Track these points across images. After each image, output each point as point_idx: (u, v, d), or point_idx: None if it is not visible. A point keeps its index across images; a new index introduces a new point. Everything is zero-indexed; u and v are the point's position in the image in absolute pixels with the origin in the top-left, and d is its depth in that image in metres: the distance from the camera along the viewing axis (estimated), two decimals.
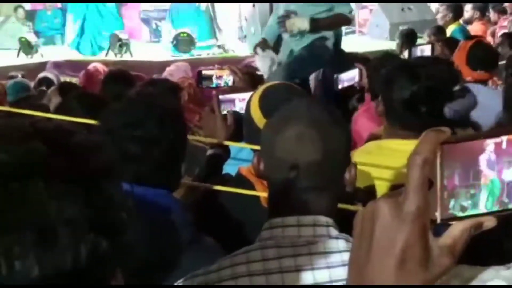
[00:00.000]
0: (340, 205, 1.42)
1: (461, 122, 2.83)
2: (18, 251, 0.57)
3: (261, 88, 2.01)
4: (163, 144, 1.66)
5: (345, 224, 1.30)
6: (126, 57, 9.21)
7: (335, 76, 3.81)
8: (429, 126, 0.67)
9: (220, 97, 2.37)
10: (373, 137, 2.59)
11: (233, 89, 2.75)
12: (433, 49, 4.41)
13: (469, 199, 0.65)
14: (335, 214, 1.34)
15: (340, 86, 3.76)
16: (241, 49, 9.61)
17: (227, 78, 2.92)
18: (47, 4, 13.30)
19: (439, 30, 6.60)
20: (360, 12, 11.85)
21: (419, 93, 2.15)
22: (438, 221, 0.65)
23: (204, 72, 3.04)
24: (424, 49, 4.42)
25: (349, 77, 3.78)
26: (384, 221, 0.65)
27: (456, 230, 0.65)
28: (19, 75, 6.74)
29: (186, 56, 9.06)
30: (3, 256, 0.57)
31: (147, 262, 1.17)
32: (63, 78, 8.08)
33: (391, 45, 7.77)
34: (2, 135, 0.63)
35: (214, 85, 2.97)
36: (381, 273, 0.65)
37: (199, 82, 3.05)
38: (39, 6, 13.91)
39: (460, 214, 0.65)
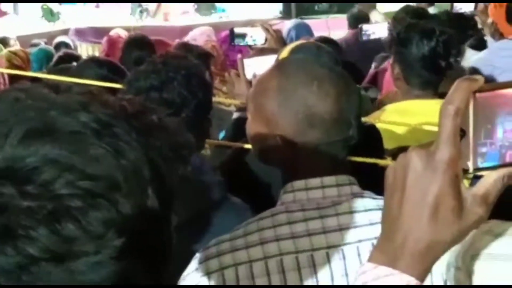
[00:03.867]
0: (370, 160, 1.41)
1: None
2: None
3: (289, 47, 2.00)
4: (190, 105, 1.67)
5: (362, 179, 1.30)
6: (149, 22, 9.19)
7: (359, 26, 3.75)
8: (451, 81, 0.66)
9: (245, 60, 2.36)
10: (381, 103, 2.56)
11: (263, 50, 2.73)
12: (476, 4, 4.28)
13: None
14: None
15: (364, 38, 3.70)
16: (263, 12, 9.52)
17: (258, 35, 2.89)
18: None
19: None
20: None
21: (437, 47, 2.14)
22: (471, 170, 0.65)
23: (236, 30, 3.02)
24: (466, 4, 4.27)
25: (375, 29, 3.71)
26: (416, 171, 0.65)
27: (489, 179, 0.65)
28: (42, 43, 6.77)
29: (209, 19, 9.00)
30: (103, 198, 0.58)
31: (181, 222, 1.20)
32: (85, 45, 8.12)
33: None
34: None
35: (245, 43, 2.95)
36: (414, 224, 0.65)
37: (232, 40, 3.04)
38: None
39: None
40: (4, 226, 0.56)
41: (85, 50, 7.66)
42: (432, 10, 5.69)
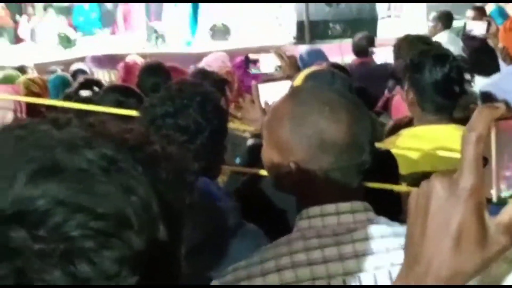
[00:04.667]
0: (385, 186, 1.40)
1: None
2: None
3: (302, 74, 2.01)
4: (205, 132, 1.68)
5: (377, 205, 1.30)
6: (163, 48, 9.27)
7: (369, 50, 3.73)
8: (464, 106, 0.66)
9: (260, 86, 2.37)
10: (397, 126, 2.56)
11: (277, 76, 2.74)
12: (488, 26, 4.29)
13: None
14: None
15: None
16: (277, 37, 9.58)
17: (272, 62, 2.91)
18: None
19: (479, 11, 6.47)
20: None
21: (451, 73, 2.14)
22: (494, 199, 0.64)
23: (251, 56, 3.03)
24: (478, 26, 4.29)
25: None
26: (439, 199, 0.64)
27: None
28: (59, 70, 6.85)
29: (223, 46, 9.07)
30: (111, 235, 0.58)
31: (196, 248, 1.20)
32: (102, 72, 8.20)
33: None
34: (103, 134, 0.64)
35: (259, 71, 2.97)
36: (437, 252, 0.65)
37: (247, 66, 3.05)
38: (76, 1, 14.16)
39: None
40: (17, 271, 0.56)
41: (101, 76, 7.73)
42: (445, 33, 5.71)
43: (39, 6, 13.11)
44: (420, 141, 2.18)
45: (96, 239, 0.57)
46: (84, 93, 3.95)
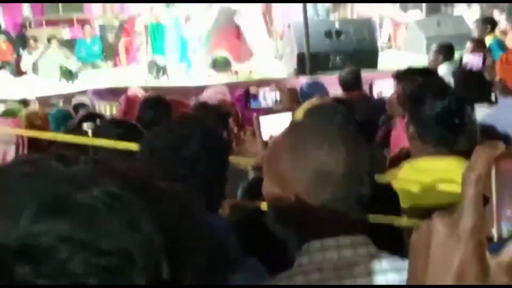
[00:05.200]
0: (386, 219, 1.40)
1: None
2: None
3: (303, 107, 2.02)
4: (206, 165, 1.69)
5: (378, 238, 1.29)
6: (165, 81, 9.32)
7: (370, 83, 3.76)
8: (464, 138, 0.67)
9: (261, 118, 2.38)
10: (395, 158, 2.55)
11: (278, 108, 2.76)
12: (484, 59, 4.33)
13: None
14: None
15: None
16: (278, 70, 9.63)
17: (272, 95, 2.93)
18: (87, 32, 13.67)
19: (479, 43, 6.52)
20: (395, 29, 11.83)
21: (451, 105, 2.15)
22: (495, 238, 0.64)
23: (251, 90, 3.06)
24: (475, 59, 4.33)
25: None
26: (439, 239, 0.65)
27: None
28: (60, 103, 6.89)
29: (224, 79, 9.11)
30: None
31: (197, 279, 1.19)
32: (103, 104, 8.24)
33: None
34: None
35: (260, 104, 2.98)
36: None
37: (247, 100, 3.07)
38: (78, 34, 14.31)
39: None
40: None
41: (103, 109, 7.77)
42: (445, 65, 5.74)
43: (43, 38, 13.23)
44: (422, 173, 2.17)
45: (100, 276, 0.58)
46: (86, 126, 3.96)
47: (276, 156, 1.32)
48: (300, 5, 8.90)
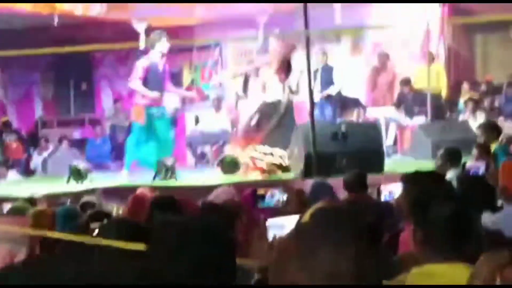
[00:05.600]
0: None
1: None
2: None
3: (309, 211, 2.04)
4: (213, 266, 1.69)
5: None
6: (172, 181, 9.37)
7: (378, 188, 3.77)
8: (473, 243, 0.68)
9: (269, 220, 2.40)
10: (400, 264, 2.53)
11: (285, 210, 2.77)
12: (488, 166, 4.35)
13: None
14: None
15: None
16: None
17: (280, 197, 2.95)
18: (98, 132, 13.94)
19: (483, 149, 6.56)
20: (400, 133, 11.98)
21: (458, 212, 2.16)
22: None
23: (258, 191, 3.08)
24: (478, 166, 4.35)
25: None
26: None
27: None
28: (68, 201, 6.91)
29: (232, 179, 9.16)
30: None
31: None
32: (111, 204, 8.25)
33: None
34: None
35: (267, 205, 2.99)
36: None
37: (255, 201, 3.08)
38: (89, 134, 14.57)
39: None
40: None
41: (110, 209, 7.77)
42: (453, 171, 5.76)
43: (54, 138, 13.46)
44: (430, 279, 2.15)
45: None
46: (94, 225, 3.97)
47: (282, 259, 1.33)
48: (307, 108, 9.09)
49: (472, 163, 4.41)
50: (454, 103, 12.22)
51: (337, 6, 10.12)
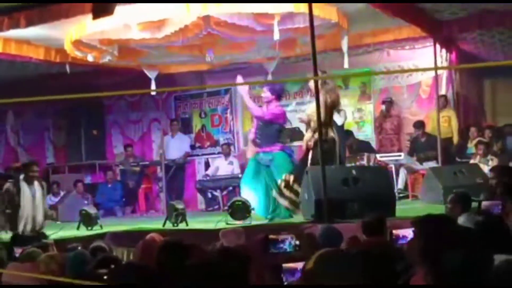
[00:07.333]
0: None
1: None
2: None
3: (314, 256, 2.03)
4: None
5: None
6: (183, 225, 9.35)
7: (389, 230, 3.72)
8: None
9: (282, 265, 2.38)
10: None
11: (297, 255, 2.76)
12: (503, 207, 4.31)
13: None
14: None
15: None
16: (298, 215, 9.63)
17: (292, 241, 2.94)
18: (108, 177, 13.99)
19: (496, 191, 6.52)
20: (411, 177, 11.94)
21: (471, 257, 2.13)
22: None
23: (270, 236, 3.07)
24: (493, 206, 4.31)
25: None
26: None
27: None
28: (79, 246, 6.90)
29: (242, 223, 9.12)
30: None
31: None
32: (121, 249, 8.23)
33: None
34: None
35: (280, 250, 2.98)
36: None
37: (267, 247, 3.07)
38: (100, 179, 14.62)
39: None
40: None
41: (120, 254, 7.75)
42: (463, 216, 5.72)
43: (66, 184, 13.51)
44: None
45: None
46: (101, 271, 3.97)
47: None
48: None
49: (487, 204, 4.39)
50: (464, 147, 12.20)
51: (345, 51, 10.20)
